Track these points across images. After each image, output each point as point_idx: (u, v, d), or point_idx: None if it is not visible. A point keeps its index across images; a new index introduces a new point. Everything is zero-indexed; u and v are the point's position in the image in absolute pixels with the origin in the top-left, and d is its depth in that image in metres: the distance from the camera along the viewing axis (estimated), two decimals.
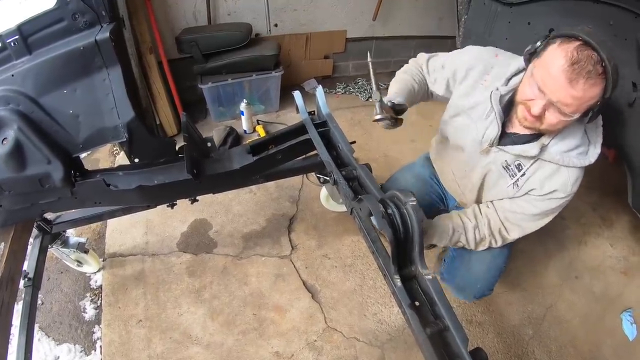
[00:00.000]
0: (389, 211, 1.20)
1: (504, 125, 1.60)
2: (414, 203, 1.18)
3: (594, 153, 1.50)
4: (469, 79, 1.71)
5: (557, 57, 1.27)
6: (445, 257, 2.15)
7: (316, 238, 2.61)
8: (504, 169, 1.65)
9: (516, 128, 1.59)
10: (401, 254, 1.21)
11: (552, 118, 1.36)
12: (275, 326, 2.16)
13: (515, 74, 1.58)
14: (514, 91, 1.53)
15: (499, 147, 1.62)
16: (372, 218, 1.24)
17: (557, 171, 1.53)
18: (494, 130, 1.60)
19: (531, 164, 1.57)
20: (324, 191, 2.65)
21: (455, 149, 1.86)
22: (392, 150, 3.29)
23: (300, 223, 2.71)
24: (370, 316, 2.22)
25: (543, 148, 1.50)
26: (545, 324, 2.25)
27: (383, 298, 2.29)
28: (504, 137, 1.62)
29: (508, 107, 1.59)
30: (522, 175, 1.60)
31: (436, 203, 2.20)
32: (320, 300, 2.28)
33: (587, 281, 2.49)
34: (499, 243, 1.80)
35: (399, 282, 1.17)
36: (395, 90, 1.78)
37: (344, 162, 1.63)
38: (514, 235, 1.76)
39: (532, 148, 1.52)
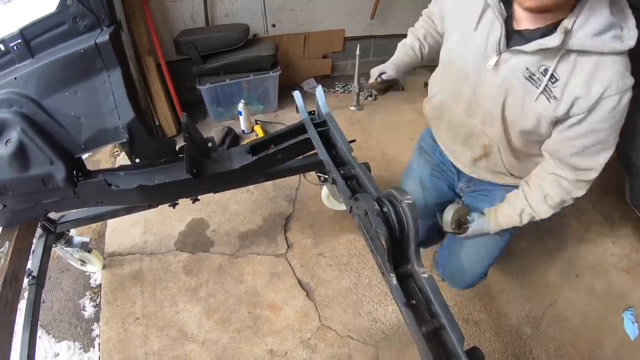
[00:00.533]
0: (385, 209, 1.22)
1: (509, 24, 1.33)
2: (410, 201, 1.18)
3: (630, 36, 1.19)
4: None
5: None
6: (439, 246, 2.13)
7: (312, 237, 2.62)
8: (528, 80, 1.33)
9: (525, 22, 1.31)
10: (397, 252, 1.22)
11: None
12: (269, 324, 2.18)
13: None
14: None
15: (510, 49, 1.32)
16: None
17: (598, 65, 1.21)
18: (497, 29, 1.32)
19: (558, 61, 1.25)
20: (325, 190, 2.66)
21: (458, 80, 1.57)
22: (391, 148, 3.31)
23: (297, 222, 2.72)
24: (365, 315, 2.23)
25: (567, 34, 1.19)
26: (544, 323, 2.24)
27: (378, 296, 2.30)
28: (513, 39, 1.33)
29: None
30: (553, 81, 1.28)
31: (449, 194, 2.03)
32: (315, 298, 2.29)
33: (587, 279, 2.46)
34: (582, 191, 1.48)
35: (394, 281, 1.18)
36: (393, 59, 1.78)
37: (343, 161, 1.65)
38: (592, 175, 1.42)
39: (553, 38, 1.20)
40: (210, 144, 1.81)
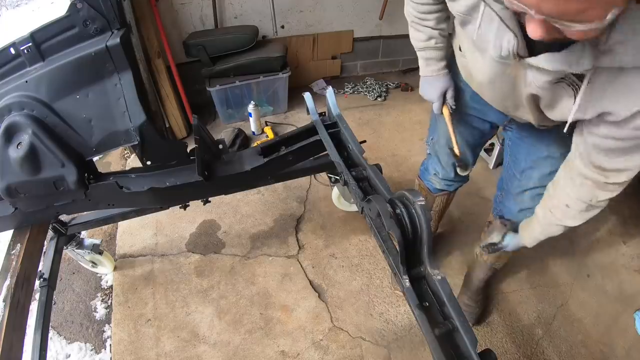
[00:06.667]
0: (397, 211, 1.21)
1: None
2: (422, 203, 1.18)
3: None
4: None
5: None
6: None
7: (323, 238, 2.62)
8: (556, 83, 1.01)
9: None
10: (410, 254, 1.21)
11: (572, 33, 0.72)
12: (281, 325, 2.18)
13: None
14: None
15: (527, 61, 0.98)
16: None
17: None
18: (511, 39, 0.97)
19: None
20: (335, 191, 2.66)
21: (475, 59, 1.27)
22: (401, 149, 3.30)
23: (308, 223, 2.72)
24: (376, 316, 2.22)
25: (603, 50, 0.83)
26: (556, 323, 2.23)
27: (390, 297, 2.30)
28: (536, 43, 0.92)
29: None
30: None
31: (482, 132, 1.76)
32: (326, 299, 2.29)
33: (599, 280, 2.44)
34: (610, 193, 1.28)
35: (407, 283, 1.17)
36: (436, 66, 1.56)
37: (354, 162, 1.64)
38: (623, 178, 1.18)
39: (581, 56, 0.85)
40: (221, 146, 1.81)
